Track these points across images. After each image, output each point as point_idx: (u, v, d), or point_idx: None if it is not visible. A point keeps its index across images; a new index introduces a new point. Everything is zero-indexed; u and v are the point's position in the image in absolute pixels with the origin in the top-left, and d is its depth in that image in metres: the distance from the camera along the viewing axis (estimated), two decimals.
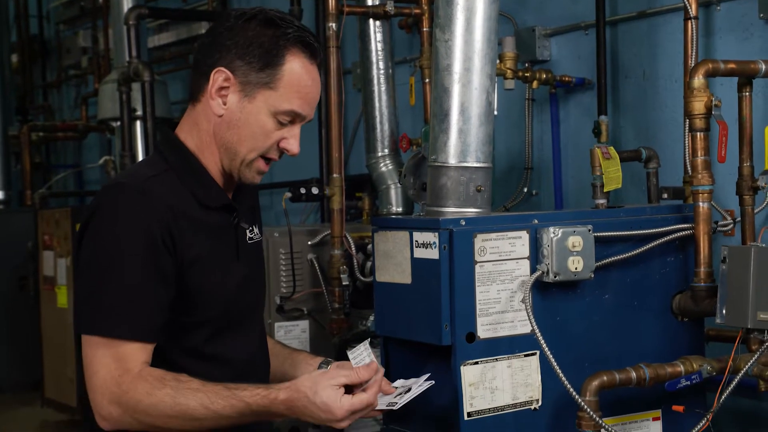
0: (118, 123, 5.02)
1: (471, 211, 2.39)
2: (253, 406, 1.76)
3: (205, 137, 1.91)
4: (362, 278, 3.34)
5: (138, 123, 4.96)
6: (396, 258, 2.37)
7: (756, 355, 2.37)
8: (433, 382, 2.05)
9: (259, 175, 1.94)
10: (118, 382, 1.74)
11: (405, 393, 2.02)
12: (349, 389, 1.84)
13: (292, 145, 1.91)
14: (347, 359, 3.14)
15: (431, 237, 2.27)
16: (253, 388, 1.78)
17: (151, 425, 1.76)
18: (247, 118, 1.87)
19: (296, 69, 1.87)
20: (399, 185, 3.60)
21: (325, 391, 1.77)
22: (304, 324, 3.37)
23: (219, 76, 1.87)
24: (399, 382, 2.08)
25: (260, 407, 1.77)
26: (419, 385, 2.06)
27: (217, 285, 1.89)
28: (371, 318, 3.22)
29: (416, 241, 2.31)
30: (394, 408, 1.98)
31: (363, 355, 1.96)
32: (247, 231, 2.00)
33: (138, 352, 1.77)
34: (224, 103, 1.88)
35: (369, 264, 3.36)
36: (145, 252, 1.78)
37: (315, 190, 3.60)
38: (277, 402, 1.77)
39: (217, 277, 1.89)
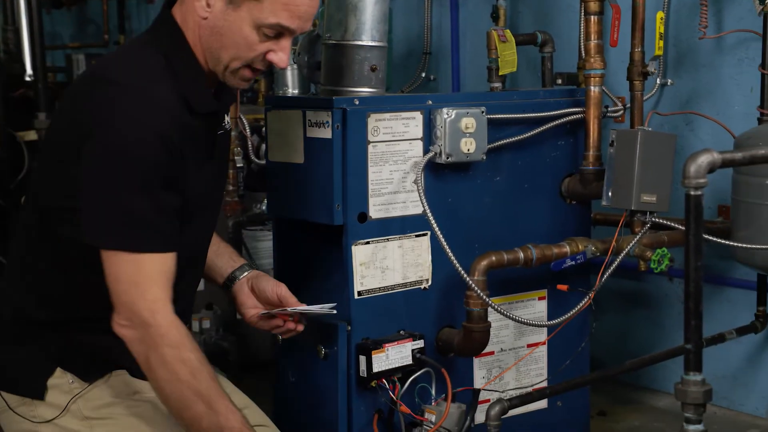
0: None
1: (365, 90, 2.36)
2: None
3: (193, 33, 1.81)
4: (257, 160, 3.30)
5: None
6: (289, 137, 2.34)
7: (638, 236, 2.45)
8: (336, 312, 2.08)
9: (245, 82, 1.85)
10: (152, 310, 1.68)
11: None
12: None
13: (280, 58, 1.80)
14: (243, 241, 3.12)
15: (324, 116, 2.24)
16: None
17: (146, 371, 1.71)
18: (230, 26, 1.76)
19: None
20: (295, 67, 3.53)
21: None
22: None
23: None
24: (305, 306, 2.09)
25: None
26: (321, 307, 2.07)
27: (191, 186, 1.83)
28: (266, 201, 3.19)
29: (309, 120, 2.28)
30: (287, 310, 2.01)
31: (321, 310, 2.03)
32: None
33: (168, 273, 1.72)
34: (208, 6, 1.77)
35: (264, 146, 3.31)
36: (160, 162, 1.70)
37: None
38: None
39: (192, 178, 1.83)
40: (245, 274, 2.06)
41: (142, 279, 1.68)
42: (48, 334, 1.80)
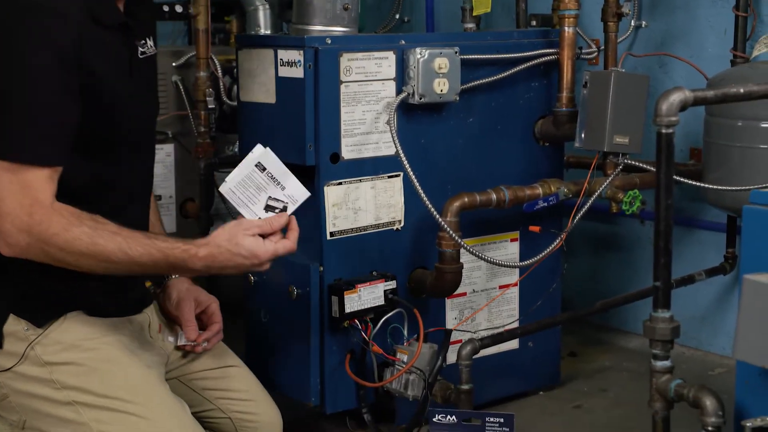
0: None
1: (337, 30, 2.33)
2: (170, 258, 1.73)
3: None
4: (229, 102, 3.26)
5: None
6: (260, 77, 2.31)
7: (610, 178, 2.46)
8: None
9: None
10: (30, 212, 1.67)
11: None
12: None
13: None
14: (214, 183, 3.08)
15: (296, 55, 2.22)
16: (172, 240, 1.76)
17: (61, 260, 1.70)
18: None
19: None
20: (267, 6, 3.48)
21: (246, 240, 1.76)
22: (168, 147, 3.29)
23: None
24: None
25: (177, 260, 1.74)
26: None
27: (109, 105, 1.79)
28: (238, 143, 3.16)
29: (281, 59, 2.25)
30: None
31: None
32: (140, 46, 1.89)
33: (47, 182, 1.69)
34: None
35: (235, 88, 3.27)
36: (54, 71, 1.67)
37: (179, 9, 3.45)
38: (195, 258, 1.75)
39: (108, 97, 1.78)
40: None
41: (20, 189, 1.67)
42: (2, 277, 1.79)
